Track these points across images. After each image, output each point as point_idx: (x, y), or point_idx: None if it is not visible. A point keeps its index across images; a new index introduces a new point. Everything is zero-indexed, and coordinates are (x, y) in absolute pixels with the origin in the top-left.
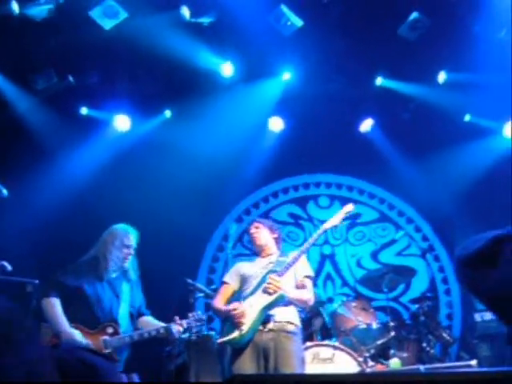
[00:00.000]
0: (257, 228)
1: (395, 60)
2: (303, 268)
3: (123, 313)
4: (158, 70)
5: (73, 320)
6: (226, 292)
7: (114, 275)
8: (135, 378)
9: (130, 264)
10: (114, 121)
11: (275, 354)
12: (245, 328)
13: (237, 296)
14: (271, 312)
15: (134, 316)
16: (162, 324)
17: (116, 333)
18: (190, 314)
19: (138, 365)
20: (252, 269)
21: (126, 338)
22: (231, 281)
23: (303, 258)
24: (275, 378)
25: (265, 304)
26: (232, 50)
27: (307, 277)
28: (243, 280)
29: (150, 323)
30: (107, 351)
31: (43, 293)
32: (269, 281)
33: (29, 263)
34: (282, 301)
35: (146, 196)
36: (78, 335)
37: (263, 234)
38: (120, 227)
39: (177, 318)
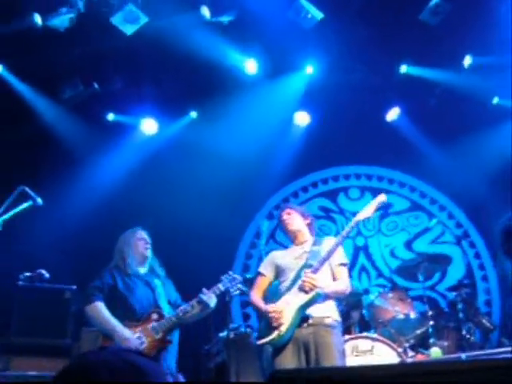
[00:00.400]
0: (289, 214)
1: (418, 46)
2: (337, 256)
3: (162, 301)
4: (182, 71)
5: (118, 319)
6: (261, 283)
7: (142, 271)
8: (180, 377)
9: (153, 261)
10: (140, 125)
11: (316, 348)
12: (283, 329)
13: (274, 288)
14: (310, 309)
15: (174, 304)
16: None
17: (162, 317)
18: (223, 277)
19: (178, 364)
20: (287, 259)
21: (172, 318)
22: (266, 272)
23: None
24: (316, 371)
25: (301, 303)
26: (254, 46)
27: (342, 265)
28: (278, 271)
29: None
30: (159, 336)
31: (86, 300)
32: (304, 278)
33: (64, 270)
34: (319, 298)
35: (175, 198)
36: (128, 333)
37: (296, 220)
38: (130, 230)
39: (204, 288)
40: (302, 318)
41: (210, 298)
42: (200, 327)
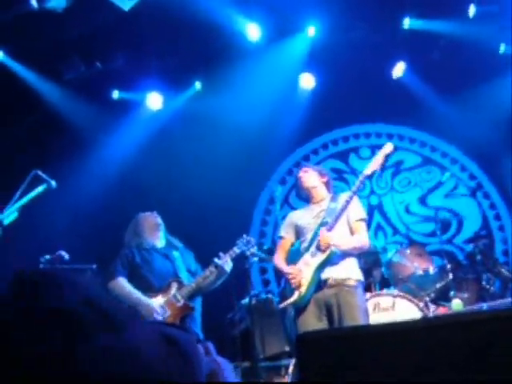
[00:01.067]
0: (305, 172)
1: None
2: (354, 211)
3: (181, 271)
4: (183, 42)
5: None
6: (284, 246)
7: (159, 245)
8: (210, 346)
9: (170, 237)
10: (146, 100)
11: (338, 309)
12: (302, 290)
13: (295, 249)
14: (330, 270)
15: (193, 273)
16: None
17: (181, 286)
18: (238, 240)
19: (203, 334)
20: (305, 218)
21: (192, 284)
22: (286, 234)
23: (355, 200)
24: (342, 330)
25: (318, 263)
26: (254, 10)
27: (360, 220)
28: (298, 231)
29: None
30: (180, 304)
31: (108, 277)
32: (319, 238)
33: (82, 251)
34: (335, 256)
35: (186, 171)
36: (152, 302)
37: (312, 177)
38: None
39: (220, 253)
40: (322, 279)
41: (226, 263)
42: (221, 296)
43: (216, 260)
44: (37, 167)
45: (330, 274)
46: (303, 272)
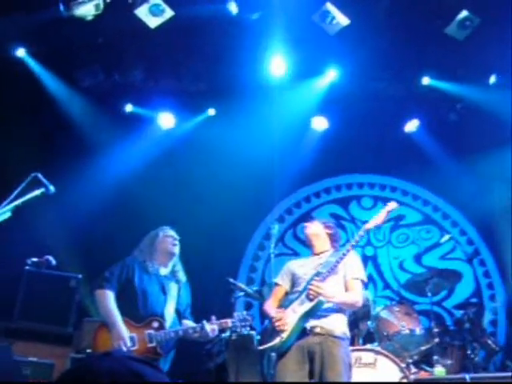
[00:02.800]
0: (311, 222)
1: (442, 59)
2: (353, 269)
3: (169, 309)
4: (202, 67)
5: (121, 313)
6: (277, 293)
7: (163, 273)
8: None
9: (179, 265)
10: (158, 118)
11: (321, 358)
12: (285, 335)
13: (287, 298)
14: (318, 320)
15: (181, 315)
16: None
17: (161, 327)
18: (235, 314)
19: (178, 363)
20: (303, 269)
21: (170, 333)
22: (282, 282)
23: (356, 259)
24: None
25: (304, 311)
26: (277, 48)
27: (357, 279)
28: (294, 280)
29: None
30: (151, 345)
31: (98, 285)
32: (309, 287)
33: (72, 259)
34: (325, 308)
35: (188, 194)
36: (125, 332)
37: (316, 227)
38: (159, 228)
39: (213, 317)
40: (308, 327)
41: (213, 330)
42: None
43: (205, 323)
44: (39, 169)
45: (317, 323)
46: (288, 318)
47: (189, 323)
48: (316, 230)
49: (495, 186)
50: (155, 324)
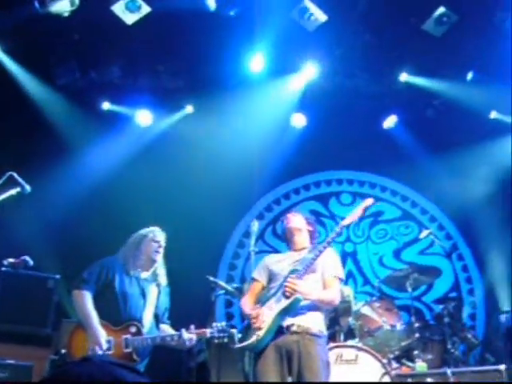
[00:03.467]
0: (293, 215)
1: (420, 56)
2: (331, 267)
3: (148, 314)
4: (180, 64)
5: (99, 316)
6: (254, 289)
7: (144, 276)
8: None
9: (160, 268)
10: (135, 116)
11: (299, 358)
12: (260, 333)
13: (263, 294)
14: (295, 318)
15: (159, 319)
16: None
17: (139, 333)
18: (214, 324)
19: (159, 362)
20: (280, 264)
21: (148, 339)
22: (259, 277)
23: (333, 256)
24: None
25: (280, 309)
26: (256, 44)
27: (335, 277)
28: (271, 276)
29: (167, 333)
30: (127, 350)
31: (76, 285)
32: (286, 284)
33: (49, 259)
34: (302, 306)
35: (165, 192)
36: (101, 335)
37: (298, 220)
38: (149, 228)
39: (192, 326)
40: (284, 326)
41: (190, 340)
42: (183, 325)
43: (183, 332)
44: (14, 168)
45: (293, 321)
46: (265, 316)
47: (166, 328)
48: (299, 224)
49: (472, 180)
50: (133, 329)
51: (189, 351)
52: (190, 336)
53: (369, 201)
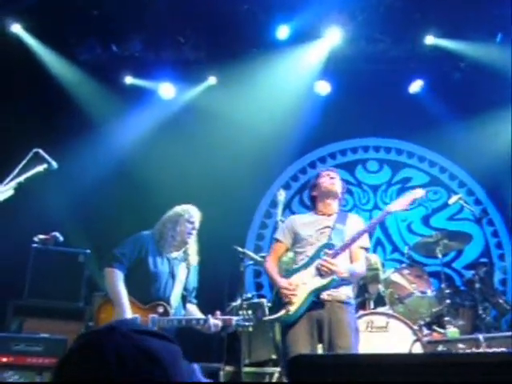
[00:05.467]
0: (337, 178)
1: (446, 17)
2: (360, 238)
3: (176, 294)
4: (202, 35)
5: (128, 292)
6: (278, 250)
7: (175, 255)
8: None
9: (193, 248)
10: (158, 89)
11: (329, 324)
12: (292, 308)
13: (288, 259)
14: (326, 292)
15: (187, 299)
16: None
17: (166, 313)
18: (240, 312)
19: (190, 334)
20: (308, 229)
21: (174, 320)
22: (284, 239)
23: (360, 226)
24: (338, 358)
25: (316, 287)
26: (277, 12)
27: (362, 247)
28: (297, 239)
29: (193, 314)
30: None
31: (107, 262)
32: (322, 262)
33: (78, 235)
34: (334, 284)
35: (191, 164)
36: (128, 313)
37: (340, 185)
38: (185, 206)
39: (218, 312)
40: (317, 300)
41: (216, 326)
42: (213, 295)
43: (210, 317)
44: (40, 145)
45: (324, 293)
46: (297, 290)
47: (193, 309)
48: (340, 189)
49: (501, 144)
50: (160, 309)
51: None
52: (216, 322)
53: (419, 192)
